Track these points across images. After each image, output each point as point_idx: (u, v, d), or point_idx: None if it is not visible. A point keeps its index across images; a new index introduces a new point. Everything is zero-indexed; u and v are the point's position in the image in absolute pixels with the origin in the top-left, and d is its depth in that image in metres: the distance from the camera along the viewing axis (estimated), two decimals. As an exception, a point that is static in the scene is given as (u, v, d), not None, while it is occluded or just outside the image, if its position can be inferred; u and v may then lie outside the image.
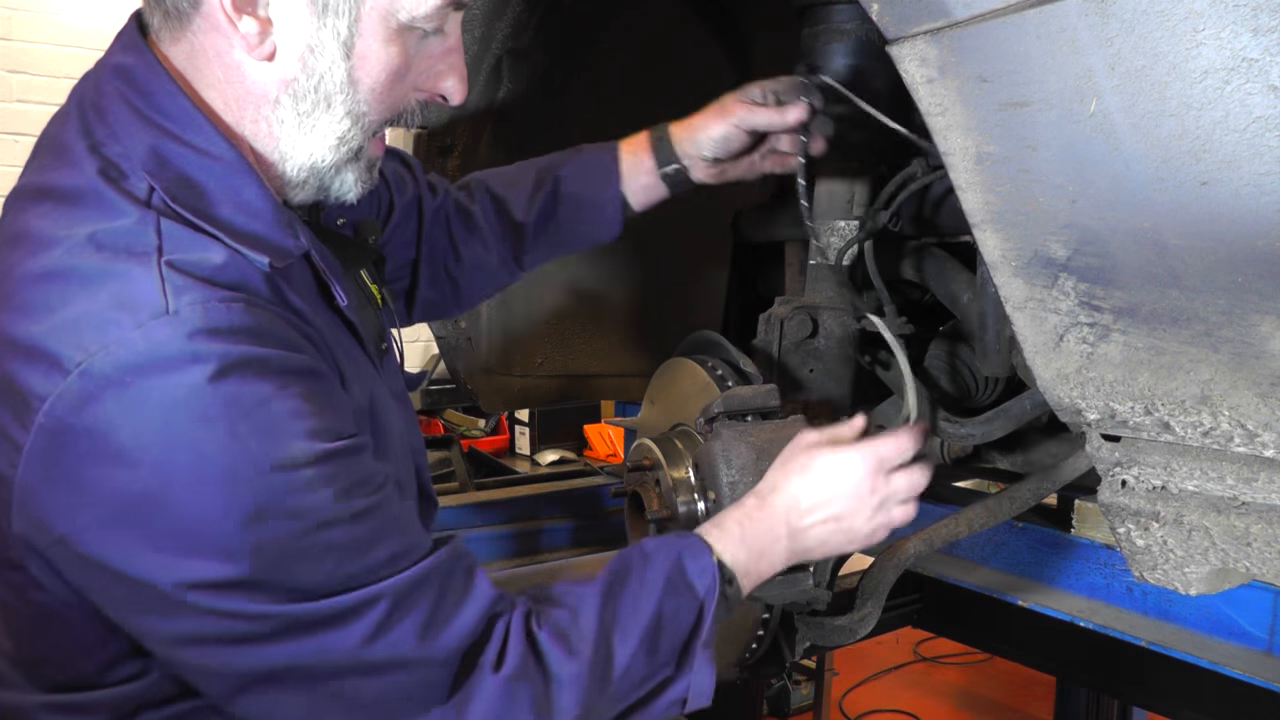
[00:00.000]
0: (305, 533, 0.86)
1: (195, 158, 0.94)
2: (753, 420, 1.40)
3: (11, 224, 0.94)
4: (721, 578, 1.10)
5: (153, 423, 0.82)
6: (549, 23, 1.88)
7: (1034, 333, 1.16)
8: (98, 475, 0.84)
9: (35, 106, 4.13)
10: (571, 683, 0.99)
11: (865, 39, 1.55)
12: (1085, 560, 1.92)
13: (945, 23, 0.96)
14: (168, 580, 0.85)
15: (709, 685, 1.09)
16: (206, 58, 0.95)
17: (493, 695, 0.95)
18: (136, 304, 0.84)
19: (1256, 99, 0.82)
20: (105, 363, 0.82)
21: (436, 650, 0.93)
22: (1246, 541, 1.09)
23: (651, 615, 1.05)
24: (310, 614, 0.87)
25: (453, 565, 0.98)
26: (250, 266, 0.93)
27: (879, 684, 5.32)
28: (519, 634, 0.99)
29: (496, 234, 1.50)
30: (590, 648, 1.01)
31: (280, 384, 0.87)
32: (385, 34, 0.96)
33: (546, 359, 2.22)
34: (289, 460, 0.86)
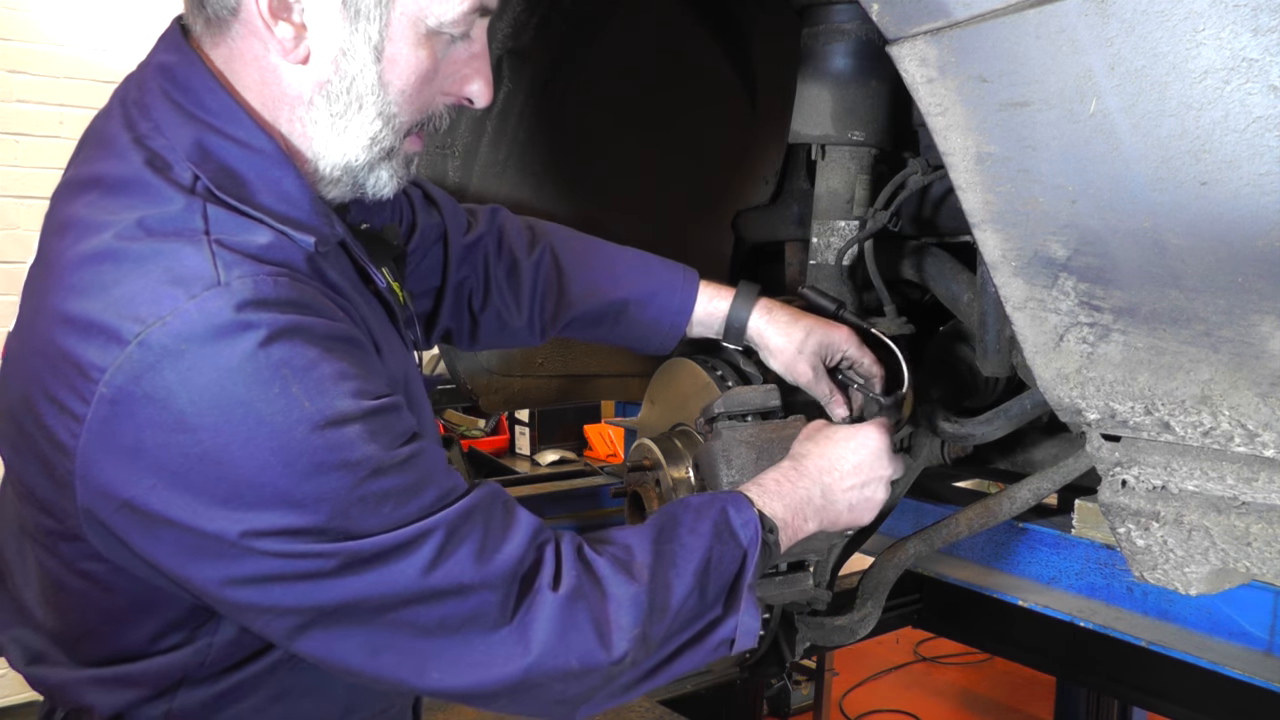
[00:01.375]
0: (360, 482, 0.91)
1: (237, 150, 0.98)
2: (753, 420, 1.40)
3: (59, 214, 0.99)
4: (763, 528, 1.16)
5: (209, 388, 0.87)
6: (549, 23, 1.88)
7: (1034, 333, 1.16)
8: (159, 440, 0.88)
9: (35, 106, 4.12)
10: (631, 603, 1.03)
11: (865, 39, 1.56)
12: (1085, 560, 1.92)
13: (945, 23, 0.96)
14: (233, 531, 0.89)
15: (755, 626, 1.14)
16: (244, 61, 1.00)
17: (553, 613, 0.99)
18: (189, 278, 0.89)
19: (1256, 99, 0.82)
20: (162, 333, 0.87)
21: (492, 573, 0.97)
22: (1246, 541, 1.09)
23: (701, 557, 1.10)
24: (372, 548, 0.92)
25: (494, 499, 1.03)
26: (293, 247, 0.98)
27: (879, 684, 5.32)
28: (572, 557, 1.04)
29: (538, 298, 1.49)
30: (647, 575, 1.05)
31: (325, 349, 0.93)
32: (414, 38, 1.00)
33: (546, 359, 2.22)
34: (339, 416, 0.91)
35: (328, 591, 0.92)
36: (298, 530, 0.90)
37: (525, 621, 0.98)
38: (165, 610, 1.01)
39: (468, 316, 1.48)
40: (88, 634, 1.04)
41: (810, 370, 1.46)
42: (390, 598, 0.94)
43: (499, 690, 0.99)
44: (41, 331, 0.92)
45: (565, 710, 1.05)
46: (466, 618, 0.96)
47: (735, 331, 1.50)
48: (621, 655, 1.02)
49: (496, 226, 1.49)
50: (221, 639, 1.03)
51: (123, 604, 1.01)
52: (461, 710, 2.67)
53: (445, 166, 1.95)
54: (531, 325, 1.49)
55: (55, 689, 1.07)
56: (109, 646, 1.03)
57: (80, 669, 1.05)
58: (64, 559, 1.01)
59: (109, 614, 1.02)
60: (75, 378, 0.89)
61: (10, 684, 4.04)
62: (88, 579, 1.00)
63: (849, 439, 1.30)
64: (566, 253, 1.51)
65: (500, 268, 1.46)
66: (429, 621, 0.95)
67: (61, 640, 1.06)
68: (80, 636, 1.05)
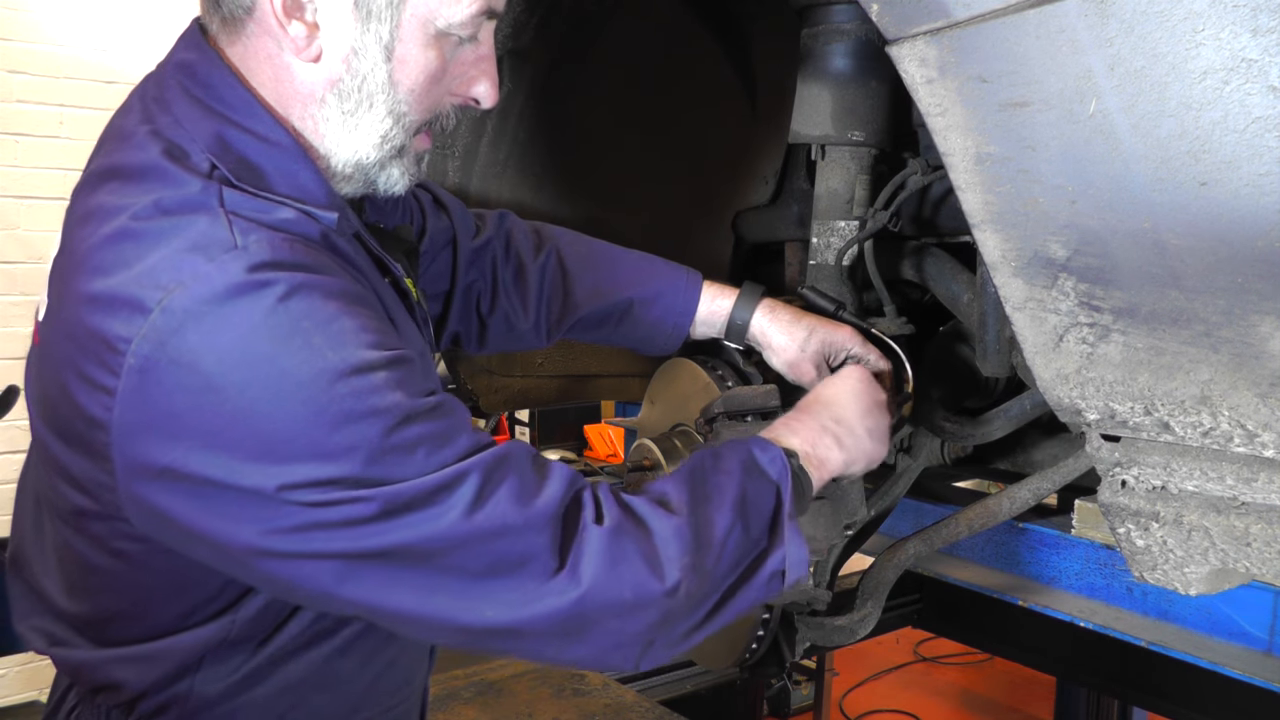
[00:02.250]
0: (391, 429, 0.92)
1: (256, 143, 1.01)
2: (753, 420, 1.40)
3: (80, 206, 1.01)
4: (790, 462, 1.18)
5: (233, 347, 0.89)
6: (549, 23, 1.88)
7: (1034, 333, 1.16)
8: (190, 403, 0.90)
9: (35, 107, 4.12)
10: (674, 534, 1.04)
11: (865, 39, 1.56)
12: (1085, 560, 1.92)
13: (945, 23, 0.96)
14: (271, 485, 0.90)
15: (804, 555, 1.14)
16: (259, 59, 1.03)
17: (601, 548, 0.99)
18: (208, 244, 0.91)
19: (1256, 99, 0.82)
20: (183, 297, 0.89)
21: (535, 515, 0.97)
22: (1246, 541, 1.09)
23: (737, 494, 1.11)
24: (410, 492, 0.92)
25: (524, 450, 1.04)
26: (311, 224, 1.00)
27: (879, 684, 5.32)
28: (610, 499, 1.05)
29: (545, 300, 1.50)
30: (687, 511, 1.06)
31: (343, 304, 0.94)
32: (424, 39, 1.03)
33: (547, 359, 2.22)
34: (363, 364, 0.92)
35: (371, 537, 0.93)
36: (334, 480, 0.91)
37: (575, 560, 0.99)
38: (197, 587, 1.03)
39: (475, 320, 1.49)
40: (118, 615, 1.06)
41: (814, 370, 1.47)
42: (436, 541, 0.94)
43: (554, 626, 0.98)
44: (69, 315, 0.95)
45: (627, 654, 1.04)
46: (517, 561, 0.97)
47: (738, 330, 1.50)
48: (675, 584, 1.02)
49: (504, 231, 1.50)
50: (245, 615, 1.05)
51: (156, 583, 1.03)
52: (462, 710, 2.68)
53: (445, 166, 1.95)
54: (538, 327, 1.50)
55: (79, 668, 1.08)
56: (139, 626, 1.05)
57: (106, 649, 1.07)
58: (97, 539, 1.02)
59: (140, 594, 1.04)
60: (104, 352, 0.91)
61: (10, 684, 4.04)
62: (121, 558, 1.02)
63: (832, 380, 1.35)
64: (572, 255, 1.52)
65: (508, 271, 1.48)
66: (479, 565, 0.96)
67: (87, 624, 1.08)
68: (109, 618, 1.06)
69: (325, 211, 1.02)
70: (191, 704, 1.07)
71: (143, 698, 1.07)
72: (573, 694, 2.80)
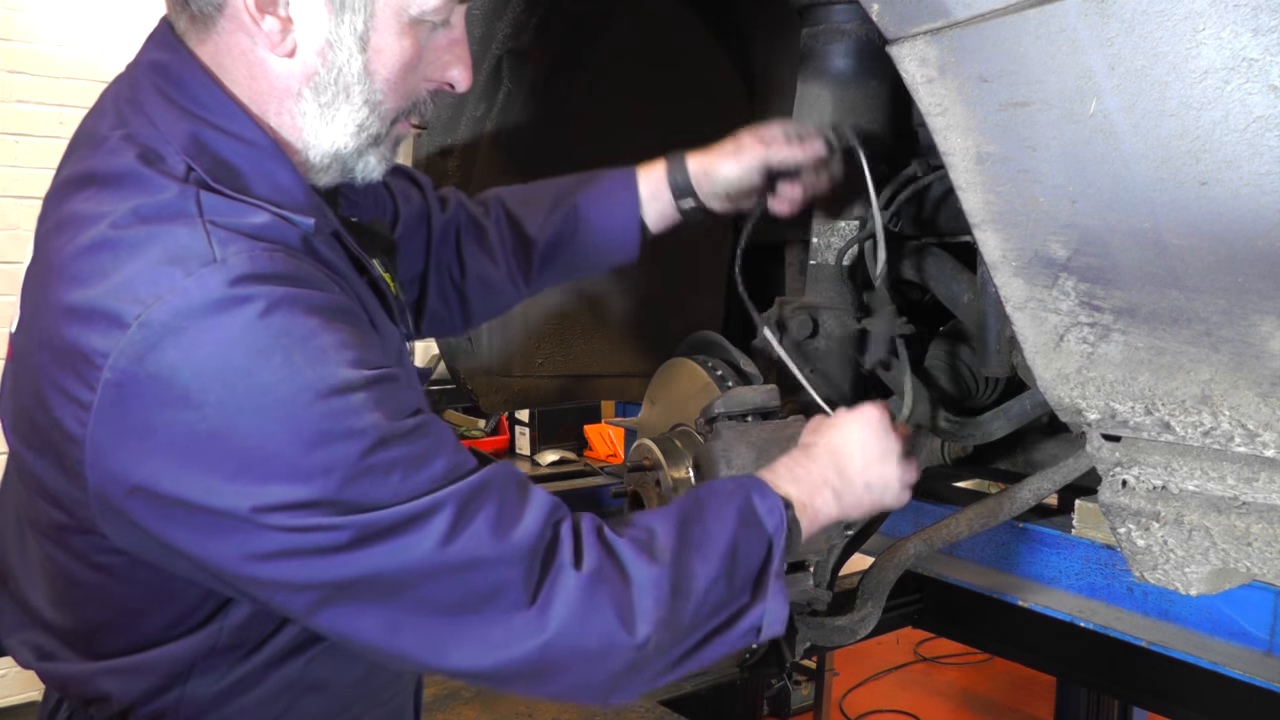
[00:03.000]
0: (368, 451, 0.90)
1: (232, 143, 1.00)
2: (753, 420, 1.40)
3: (54, 213, 0.99)
4: (787, 514, 1.15)
5: (211, 362, 0.87)
6: (549, 23, 1.88)
7: (1034, 333, 1.16)
8: (166, 420, 0.88)
9: (35, 107, 4.12)
10: (653, 586, 1.01)
11: (865, 39, 1.56)
12: (1086, 560, 1.92)
13: (945, 23, 0.96)
14: (245, 506, 0.89)
15: (783, 613, 1.13)
16: (232, 56, 1.01)
17: (574, 594, 0.97)
18: (186, 257, 0.89)
19: (1256, 99, 0.82)
20: (161, 311, 0.87)
21: (510, 548, 0.96)
22: (1247, 541, 1.09)
23: (728, 543, 1.08)
24: (385, 520, 0.91)
25: (507, 476, 1.02)
26: (289, 229, 0.98)
27: (879, 684, 5.32)
28: (593, 538, 1.03)
29: (509, 249, 1.51)
30: (670, 559, 1.04)
31: (324, 319, 0.93)
32: (398, 27, 1.02)
33: (547, 359, 2.22)
34: (342, 384, 0.91)
35: (342, 566, 0.91)
36: (308, 503, 0.89)
37: (546, 601, 0.97)
38: (181, 598, 1.02)
39: (454, 294, 1.49)
40: (104, 627, 1.05)
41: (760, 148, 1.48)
42: (407, 572, 0.93)
43: (520, 670, 0.98)
44: (46, 325, 0.93)
45: (595, 694, 1.03)
46: (487, 595, 0.95)
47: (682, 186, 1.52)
48: (645, 639, 1.00)
49: (458, 204, 1.52)
50: (231, 623, 1.04)
51: (139, 594, 1.02)
52: (462, 710, 2.67)
53: (445, 166, 1.95)
54: (512, 276, 1.51)
55: (68, 681, 1.07)
56: (125, 638, 1.04)
57: (94, 661, 1.05)
58: (78, 553, 1.01)
59: (126, 606, 1.03)
60: (80, 365, 0.90)
61: (10, 684, 4.04)
62: (103, 572, 1.01)
63: (848, 420, 1.29)
64: (511, 200, 1.54)
65: (469, 236, 1.49)
66: (449, 598, 0.95)
67: (75, 637, 1.07)
68: (95, 630, 1.05)
69: (302, 216, 1.00)
70: (183, 713, 1.05)
71: (133, 709, 1.05)
72: (573, 694, 2.79)
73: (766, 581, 1.11)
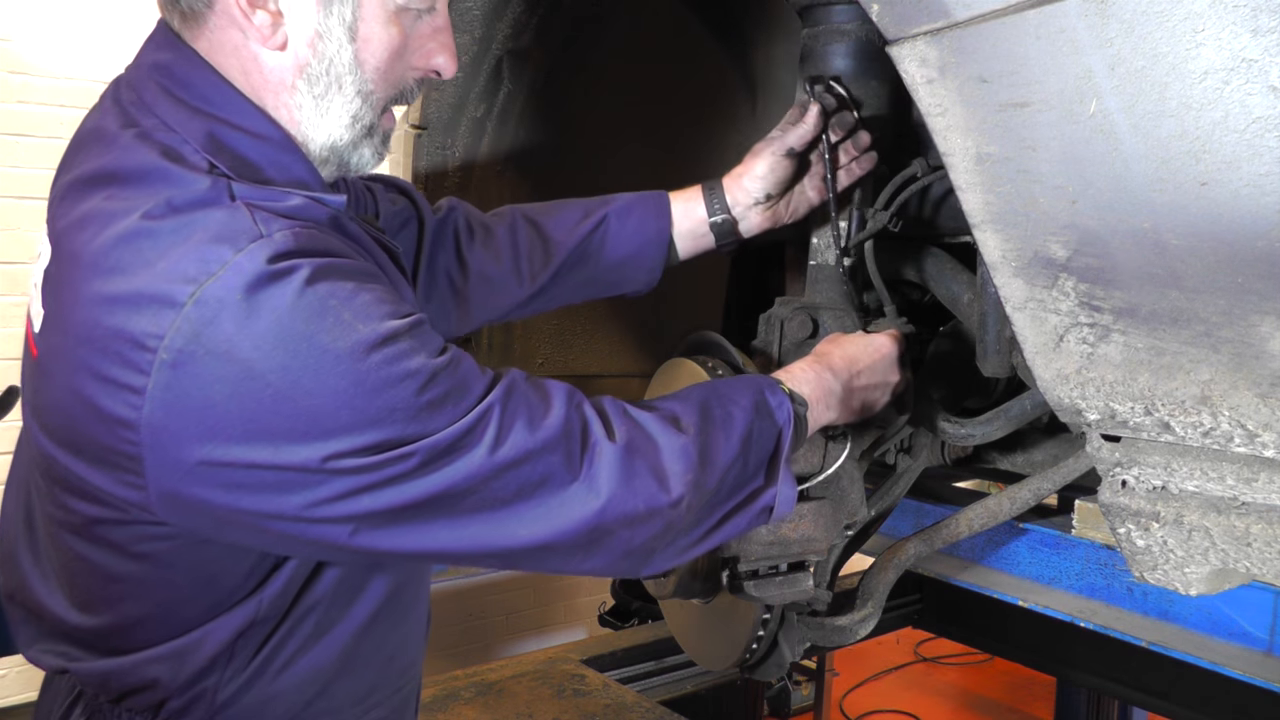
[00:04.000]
0: (423, 388, 0.96)
1: (248, 140, 1.03)
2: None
3: (71, 211, 1.00)
4: (794, 404, 1.25)
5: (270, 331, 0.91)
6: (549, 23, 1.88)
7: (1034, 333, 1.16)
8: (228, 392, 0.91)
9: (36, 107, 4.12)
10: (680, 451, 1.11)
11: (865, 39, 1.56)
12: (1085, 560, 1.92)
13: (945, 23, 0.96)
14: (316, 458, 0.93)
15: (792, 496, 1.24)
16: (225, 51, 1.03)
17: (614, 461, 1.06)
18: (233, 234, 0.92)
19: (1256, 99, 0.82)
20: (216, 288, 0.90)
21: (548, 436, 1.04)
22: (1247, 542, 1.09)
23: (744, 428, 1.18)
24: (444, 441, 0.97)
25: (522, 378, 1.09)
26: (320, 209, 1.03)
27: (879, 684, 5.33)
28: (619, 414, 1.12)
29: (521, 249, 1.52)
30: (695, 433, 1.13)
31: (359, 281, 0.98)
32: (385, 16, 1.05)
33: (547, 360, 2.23)
34: (390, 332, 0.96)
35: (413, 489, 0.97)
36: (377, 445, 0.94)
37: (592, 473, 1.05)
38: (225, 576, 1.05)
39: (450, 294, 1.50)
40: (145, 619, 1.06)
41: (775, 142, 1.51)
42: (469, 481, 0.99)
43: (578, 537, 1.05)
44: (81, 319, 0.94)
45: (634, 562, 1.11)
46: (539, 480, 1.03)
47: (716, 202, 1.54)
48: (679, 497, 1.09)
49: (460, 209, 1.54)
50: (271, 592, 1.07)
51: (182, 580, 1.04)
52: (462, 711, 2.68)
53: (445, 166, 1.95)
54: (519, 272, 1.52)
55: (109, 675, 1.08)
56: (167, 626, 1.06)
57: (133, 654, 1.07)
58: (117, 546, 1.02)
59: (169, 592, 1.05)
60: (130, 351, 0.91)
61: (10, 684, 4.04)
62: (145, 561, 1.03)
63: (867, 343, 1.43)
64: (533, 211, 1.56)
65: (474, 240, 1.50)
66: (506, 493, 1.02)
67: (106, 635, 1.08)
68: (135, 624, 1.07)
69: (332, 196, 1.05)
70: (220, 698, 1.08)
71: (171, 697, 1.07)
72: (573, 694, 2.80)
73: (778, 467, 1.22)
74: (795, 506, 1.30)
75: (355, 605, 1.14)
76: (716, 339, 1.58)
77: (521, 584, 5.38)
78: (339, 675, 1.14)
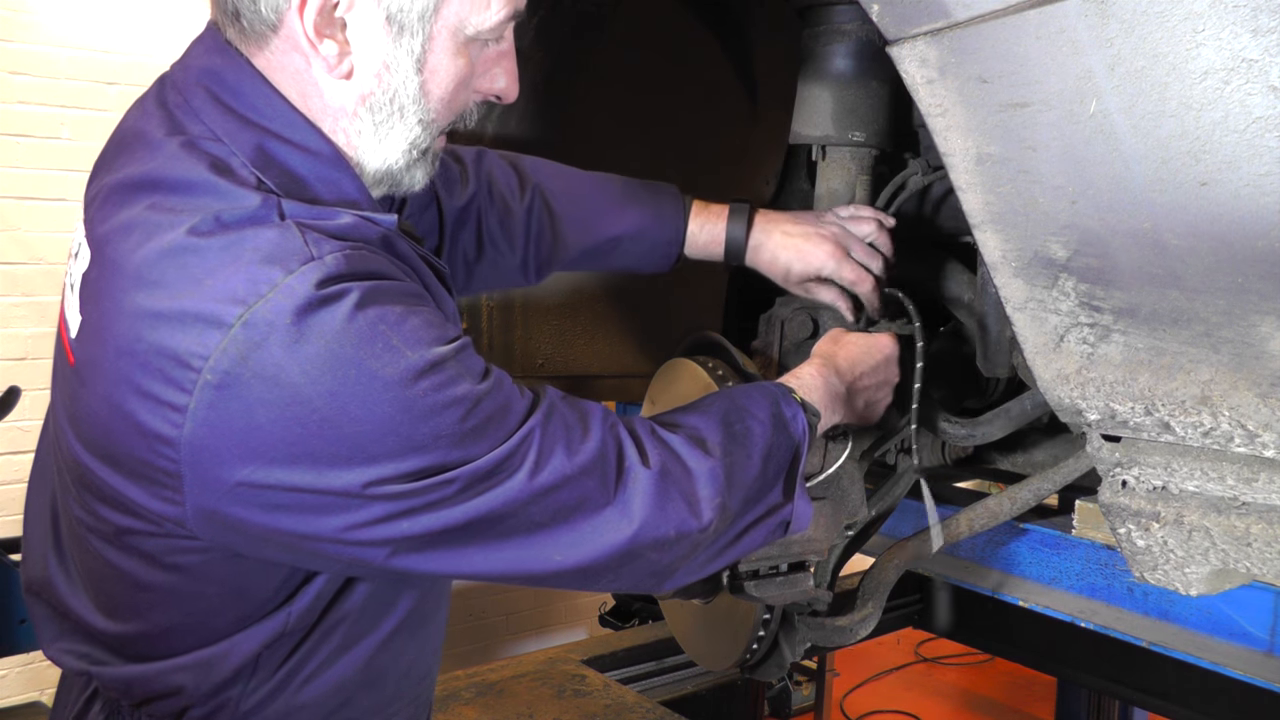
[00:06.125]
0: (468, 414, 0.96)
1: (299, 155, 1.01)
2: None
3: (114, 216, 0.98)
4: (809, 423, 1.26)
5: (319, 356, 0.90)
6: (549, 23, 1.88)
7: (1034, 333, 1.16)
8: (273, 416, 0.90)
9: (37, 108, 4.12)
10: (709, 476, 1.12)
11: (865, 40, 1.56)
12: (1086, 561, 1.92)
13: (945, 23, 0.96)
14: (358, 483, 0.93)
15: (808, 512, 1.26)
16: (285, 74, 1.01)
17: (649, 487, 1.07)
18: (285, 256, 0.91)
19: (1256, 99, 0.82)
20: (266, 310, 0.89)
21: (585, 461, 1.04)
22: (1247, 542, 1.09)
23: (765, 444, 1.19)
24: (485, 467, 0.97)
25: (560, 399, 1.10)
26: (370, 228, 1.01)
27: (880, 685, 5.33)
28: (651, 439, 1.12)
29: (533, 240, 1.51)
30: (721, 454, 1.15)
31: (407, 305, 0.97)
32: (454, 48, 1.04)
33: (547, 360, 2.22)
34: (437, 359, 0.96)
35: (453, 514, 0.97)
36: (421, 471, 0.94)
37: (626, 498, 1.06)
38: (256, 589, 1.04)
39: (462, 270, 1.50)
40: (174, 629, 1.05)
41: (804, 290, 1.57)
42: (507, 505, 0.99)
43: (609, 561, 1.06)
44: (122, 331, 0.93)
45: (657, 581, 1.13)
46: (575, 505, 1.03)
47: (735, 257, 1.57)
48: (709, 523, 1.11)
49: (485, 177, 1.50)
50: (299, 606, 1.06)
51: (213, 592, 1.04)
52: (462, 711, 2.68)
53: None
54: (525, 266, 1.52)
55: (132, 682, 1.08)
56: (195, 636, 1.06)
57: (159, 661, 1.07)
58: (149, 556, 1.01)
59: (199, 603, 1.04)
60: (173, 369, 0.90)
61: (10, 684, 4.04)
62: (176, 572, 1.01)
63: (868, 345, 1.45)
64: (556, 194, 1.54)
65: (492, 218, 1.48)
66: (543, 517, 1.02)
67: (134, 641, 1.07)
68: (164, 633, 1.06)
69: (383, 216, 1.03)
70: (243, 709, 1.07)
71: (194, 705, 1.06)
72: (574, 695, 2.80)
73: (795, 482, 1.23)
74: None
75: (382, 619, 1.13)
76: (717, 339, 1.58)
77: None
78: (362, 687, 1.14)
